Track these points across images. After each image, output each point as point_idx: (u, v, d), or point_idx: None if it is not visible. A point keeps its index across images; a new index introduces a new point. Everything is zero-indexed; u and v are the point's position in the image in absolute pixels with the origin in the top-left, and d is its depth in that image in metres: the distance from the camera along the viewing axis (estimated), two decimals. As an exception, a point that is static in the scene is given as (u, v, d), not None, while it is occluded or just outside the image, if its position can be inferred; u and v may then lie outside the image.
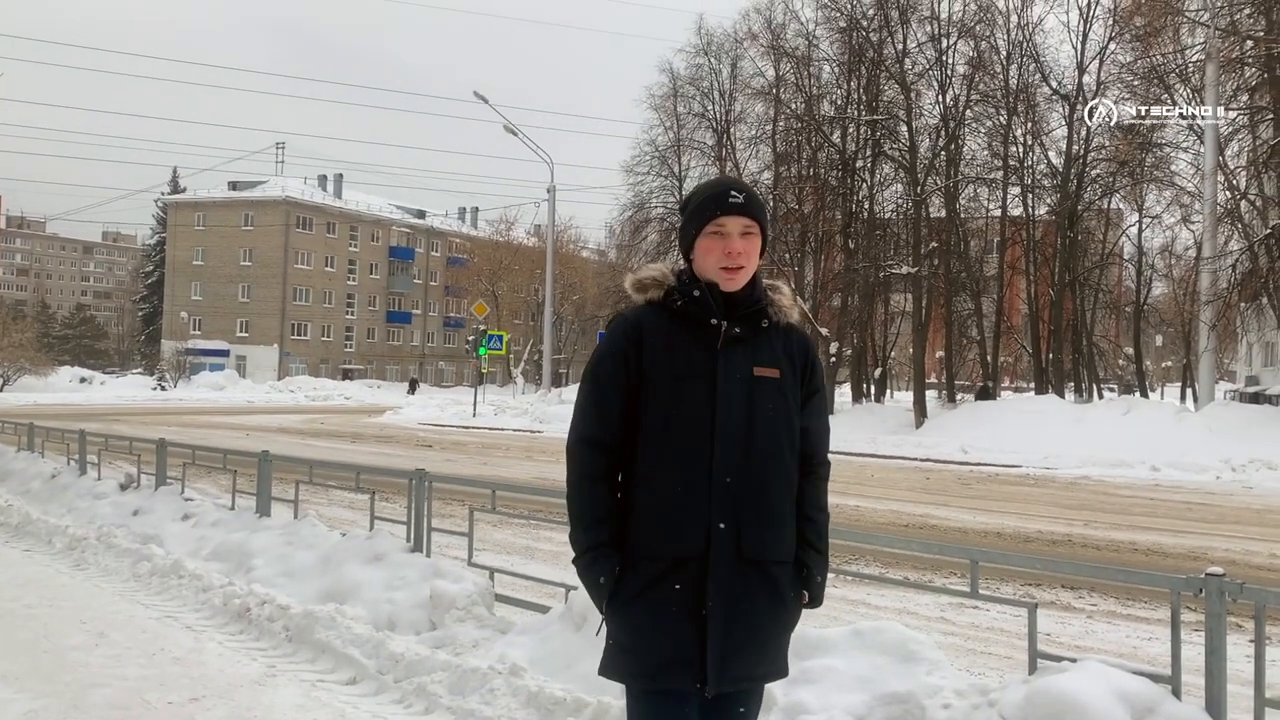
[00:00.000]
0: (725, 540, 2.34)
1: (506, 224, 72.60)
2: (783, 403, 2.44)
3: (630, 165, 38.00)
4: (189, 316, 73.14)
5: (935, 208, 31.32)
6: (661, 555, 2.35)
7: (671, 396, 2.38)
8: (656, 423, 2.38)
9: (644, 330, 2.43)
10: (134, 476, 9.99)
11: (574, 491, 2.47)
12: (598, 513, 2.43)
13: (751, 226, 2.45)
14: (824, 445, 2.59)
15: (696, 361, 2.39)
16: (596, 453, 2.43)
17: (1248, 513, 12.74)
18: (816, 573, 2.51)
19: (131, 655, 5.15)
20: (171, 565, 6.89)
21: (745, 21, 34.98)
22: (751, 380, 2.40)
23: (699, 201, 2.50)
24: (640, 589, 2.36)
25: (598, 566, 2.40)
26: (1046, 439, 20.58)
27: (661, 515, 2.36)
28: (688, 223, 2.51)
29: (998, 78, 30.22)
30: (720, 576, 2.34)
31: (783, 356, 2.47)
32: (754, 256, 2.47)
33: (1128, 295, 35.73)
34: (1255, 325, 27.42)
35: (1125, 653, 5.67)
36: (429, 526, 6.44)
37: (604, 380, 2.45)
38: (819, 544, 2.53)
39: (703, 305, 2.43)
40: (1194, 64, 24.79)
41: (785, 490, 2.44)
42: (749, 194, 2.48)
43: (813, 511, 2.52)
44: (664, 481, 2.37)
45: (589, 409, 2.46)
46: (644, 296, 2.49)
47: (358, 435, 24.90)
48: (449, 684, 4.49)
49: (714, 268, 2.43)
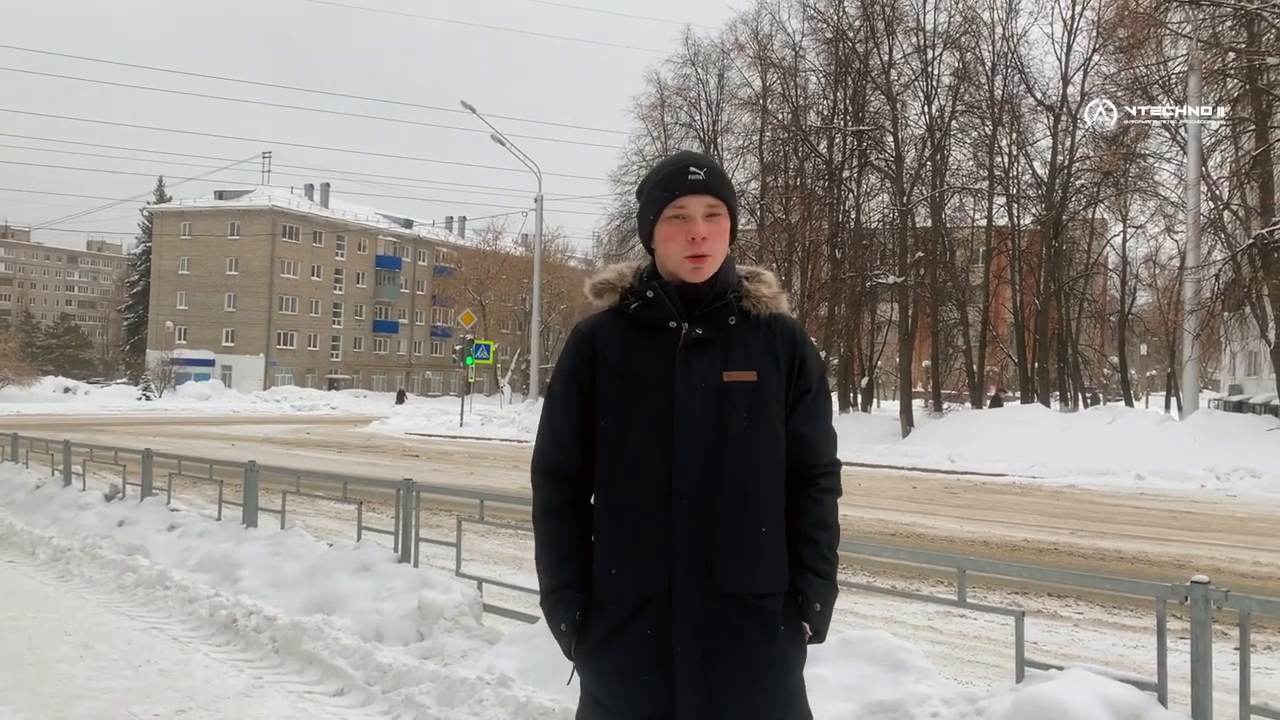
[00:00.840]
0: (691, 574, 2.04)
1: (494, 233, 72.61)
2: (761, 410, 2.11)
3: (618, 175, 38.06)
4: (174, 326, 72.80)
5: (921, 217, 31.46)
6: (623, 597, 2.08)
7: (624, 415, 2.10)
8: (609, 446, 2.12)
9: (597, 342, 2.16)
10: (119, 487, 9.93)
11: (536, 528, 2.24)
12: (560, 550, 2.18)
13: (716, 206, 2.13)
14: (825, 450, 2.23)
15: (652, 371, 2.10)
16: (555, 484, 2.20)
17: (1232, 521, 12.81)
18: (815, 600, 2.15)
19: (117, 667, 5.12)
20: (157, 576, 6.85)
21: (732, 32, 35.17)
22: (720, 388, 2.09)
23: (654, 182, 2.17)
24: (607, 635, 2.09)
25: (559, 612, 2.15)
26: (1032, 448, 20.65)
27: (618, 551, 2.10)
28: (644, 208, 2.19)
29: (983, 89, 30.44)
30: (688, 615, 2.04)
31: (762, 355, 2.13)
32: (721, 242, 2.15)
33: (1112, 304, 35.98)
34: (1238, 334, 27.61)
35: (1112, 661, 5.69)
36: (416, 537, 6.42)
37: (557, 402, 2.20)
38: (819, 567, 2.17)
39: (657, 306, 2.13)
40: (1177, 75, 24.99)
41: (766, 512, 2.12)
42: (711, 168, 2.16)
43: (812, 530, 2.17)
44: (618, 512, 2.10)
45: (543, 436, 2.23)
46: (602, 302, 2.22)
47: (344, 445, 24.82)
48: (437, 695, 4.48)
49: (677, 258, 2.12)
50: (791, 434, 2.17)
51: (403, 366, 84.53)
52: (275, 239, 73.55)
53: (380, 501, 9.21)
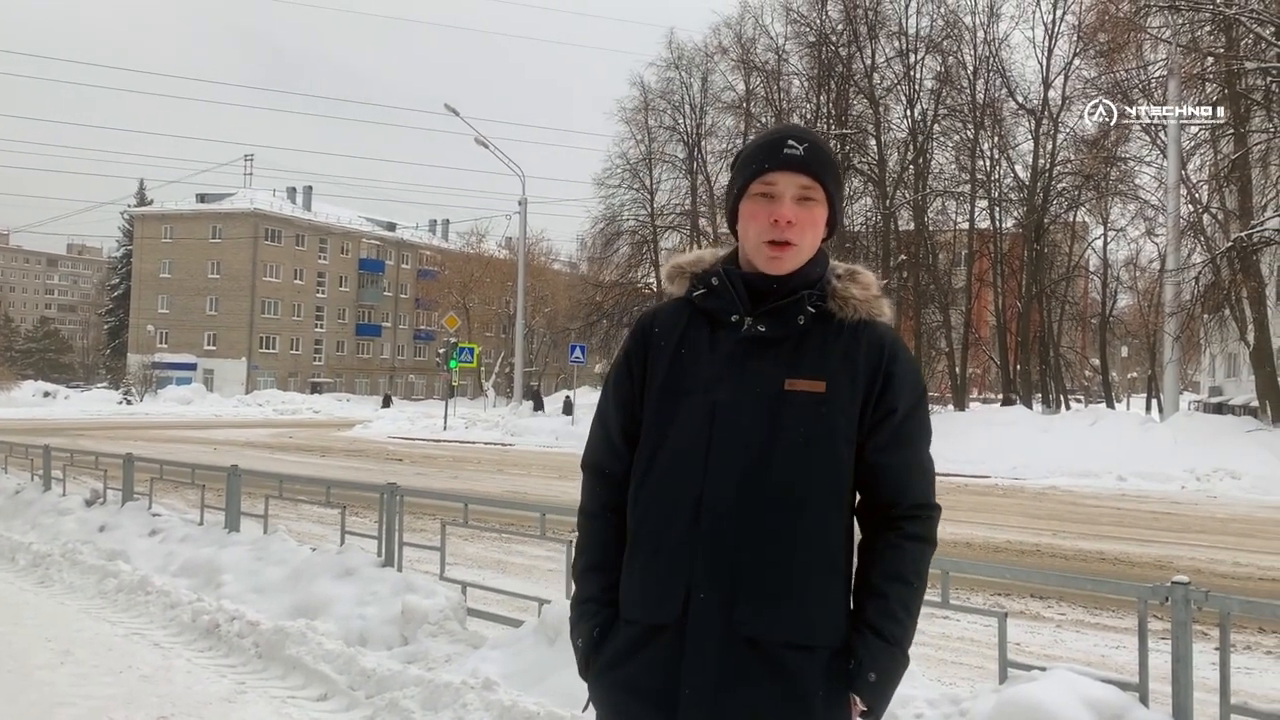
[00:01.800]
0: (710, 607, 1.77)
1: (478, 236, 72.44)
2: (823, 427, 1.79)
3: (602, 178, 38.09)
4: (155, 330, 72.38)
5: (904, 221, 31.62)
6: (635, 618, 1.85)
7: (665, 414, 1.86)
8: (646, 449, 1.88)
9: (655, 330, 1.92)
10: (100, 492, 9.87)
11: (578, 529, 2.03)
12: (590, 558, 1.96)
13: (811, 189, 1.84)
14: (912, 488, 1.86)
15: (703, 369, 1.84)
16: (597, 482, 1.98)
17: (1212, 521, 12.91)
18: (870, 668, 1.76)
19: (98, 673, 5.08)
20: (139, 581, 6.81)
21: (716, 36, 35.25)
22: (779, 397, 1.80)
23: (747, 154, 1.90)
24: (617, 658, 1.85)
25: (580, 626, 1.93)
26: (1015, 449, 20.75)
27: (637, 567, 1.86)
28: (732, 181, 1.93)
29: (965, 92, 30.63)
30: (700, 655, 1.76)
31: (838, 364, 1.82)
32: (812, 231, 1.85)
33: (1094, 307, 36.22)
34: (1218, 336, 27.80)
35: (1094, 661, 5.73)
36: (400, 541, 6.41)
37: (609, 392, 1.98)
38: (885, 627, 1.78)
39: (722, 296, 1.88)
40: (1156, 80, 25.20)
41: (813, 546, 1.78)
42: (814, 145, 1.86)
43: (882, 581, 1.80)
44: (643, 523, 1.86)
45: (595, 426, 2.02)
46: (673, 289, 1.98)
47: (327, 449, 24.72)
48: (421, 699, 4.46)
49: (755, 242, 1.85)
50: (869, 464, 1.83)
51: (386, 370, 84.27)
52: (257, 242, 73.25)
53: (364, 506, 9.18)
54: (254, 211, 73.51)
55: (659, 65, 36.82)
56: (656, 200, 37.27)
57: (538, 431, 29.31)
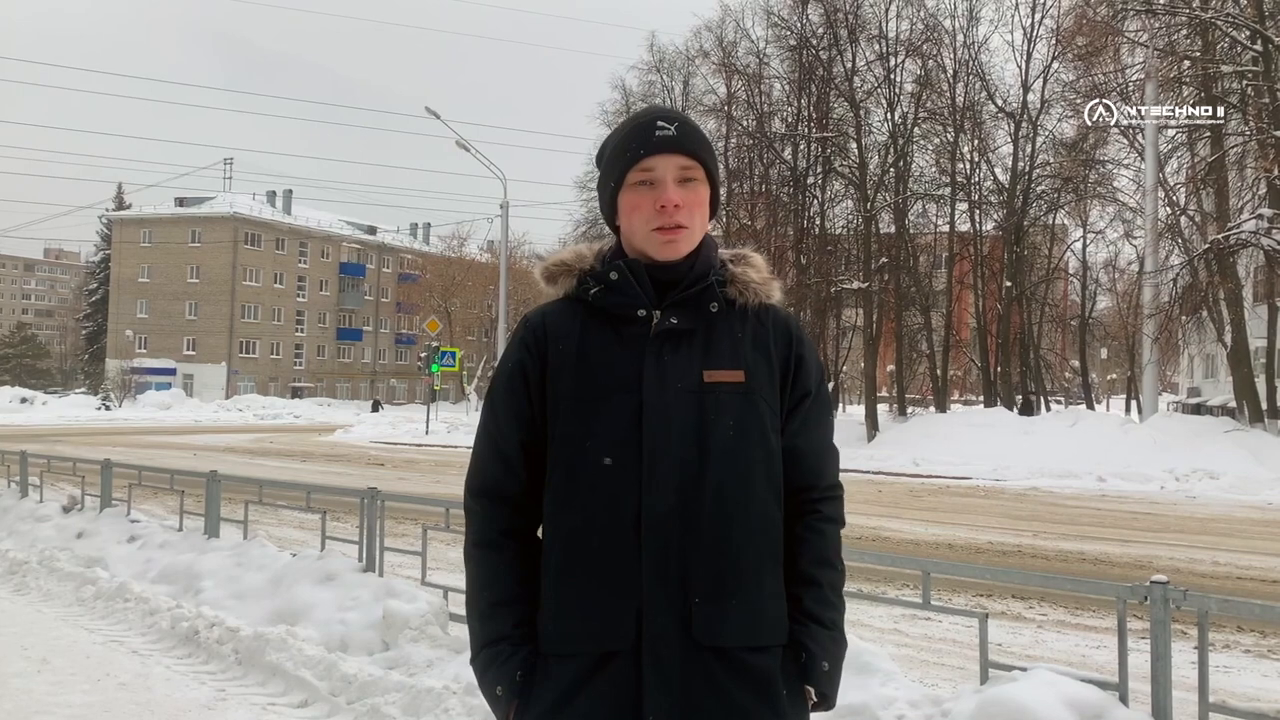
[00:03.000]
0: (666, 622, 1.65)
1: (459, 240, 72.45)
2: (751, 416, 1.72)
3: (583, 181, 38.03)
4: (134, 335, 71.89)
5: (885, 223, 31.74)
6: (576, 650, 1.67)
7: (581, 422, 1.71)
8: (562, 460, 1.72)
9: (548, 334, 1.78)
10: (77, 498, 9.78)
11: (466, 565, 1.82)
12: (496, 592, 1.75)
13: (692, 168, 1.75)
14: (826, 469, 1.83)
15: (616, 370, 1.72)
16: (492, 507, 1.79)
17: (1191, 521, 13.00)
18: (822, 657, 1.73)
19: (76, 681, 5.04)
20: (117, 588, 6.75)
21: (697, 39, 35.32)
22: (701, 389, 1.71)
23: (616, 142, 1.79)
24: (557, 701, 1.66)
25: (493, 671, 1.71)
26: (996, 451, 20.87)
27: (573, 594, 1.69)
28: (605, 174, 1.82)
29: (945, 96, 30.77)
30: (663, 676, 1.64)
31: (751, 351, 1.76)
32: (699, 211, 1.76)
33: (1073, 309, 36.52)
34: (1196, 338, 28.03)
35: (1074, 661, 5.75)
36: (381, 546, 6.38)
37: (498, 407, 1.81)
38: (825, 615, 1.75)
39: (623, 290, 1.75)
40: (1134, 83, 25.42)
41: (759, 541, 1.72)
42: (684, 123, 1.77)
43: (813, 568, 1.77)
44: (574, 544, 1.69)
45: (480, 448, 1.83)
46: (556, 289, 1.83)
47: (308, 454, 24.60)
48: (403, 705, 4.44)
49: (644, 231, 1.74)
50: (786, 449, 1.78)
51: (367, 374, 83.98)
52: (237, 246, 72.90)
53: (344, 511, 9.13)
54: (233, 215, 73.14)
55: (640, 68, 36.95)
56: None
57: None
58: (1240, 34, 22.41)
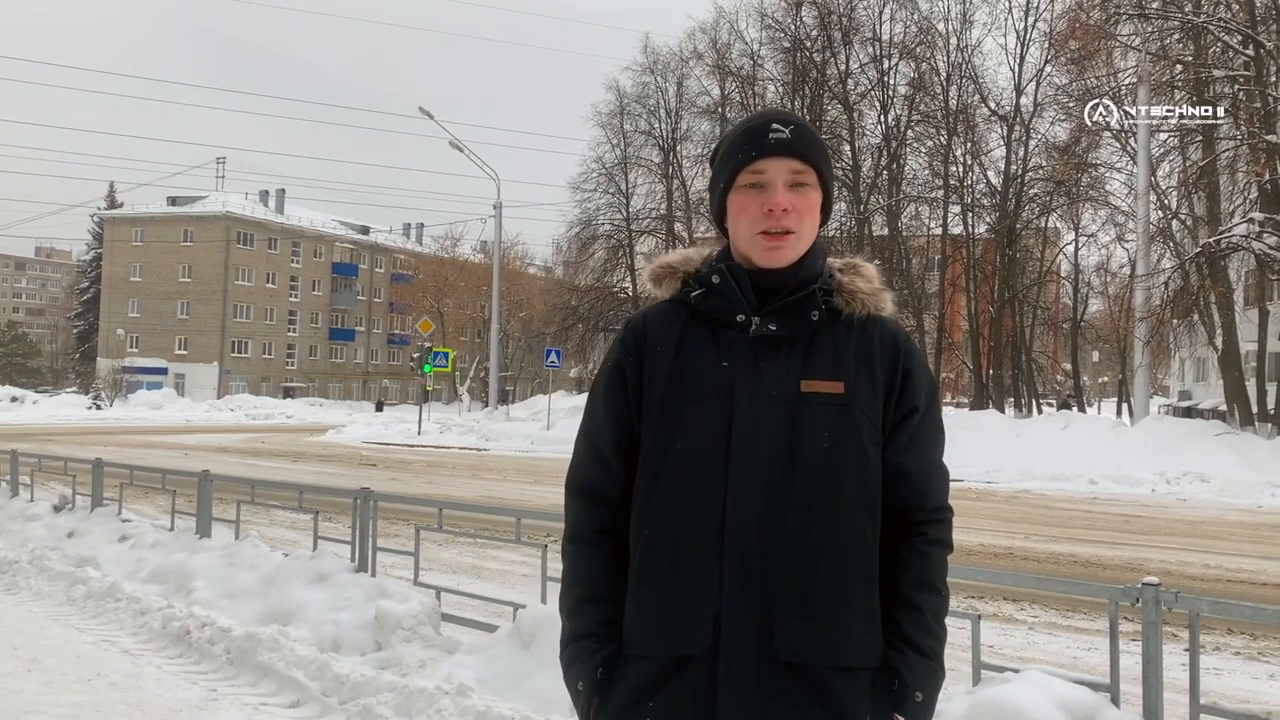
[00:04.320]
0: (745, 631, 1.61)
1: (452, 240, 72.36)
2: (849, 430, 1.68)
3: (577, 182, 38.16)
4: (126, 334, 71.67)
5: (878, 226, 31.83)
6: (651, 652, 1.66)
7: (671, 425, 1.70)
8: (652, 462, 1.71)
9: (648, 336, 1.76)
10: (68, 498, 9.76)
11: (563, 561, 1.83)
12: (586, 589, 1.76)
13: (804, 173, 1.72)
14: (933, 491, 1.76)
15: (710, 375, 1.70)
16: (588, 505, 1.79)
17: (1182, 524, 13.04)
18: (915, 686, 1.66)
19: (66, 681, 5.02)
20: (108, 588, 6.73)
21: (691, 41, 35.41)
22: (797, 399, 1.67)
23: (729, 143, 1.77)
24: (633, 700, 1.66)
25: (576, 666, 1.73)
26: (987, 453, 20.88)
27: (652, 595, 1.68)
28: (715, 176, 1.80)
29: (938, 99, 30.89)
30: (738, 687, 1.61)
31: (854, 363, 1.71)
32: (809, 218, 1.73)
33: (1065, 312, 36.57)
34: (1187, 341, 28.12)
35: (1066, 663, 5.77)
36: (374, 546, 6.37)
37: (597, 406, 1.81)
38: (923, 642, 1.68)
39: (725, 295, 1.73)
40: (1127, 87, 25.47)
41: (848, 556, 1.66)
42: (800, 126, 1.74)
43: (914, 591, 1.70)
44: (656, 545, 1.69)
45: (580, 445, 1.83)
46: (661, 291, 1.82)
47: (300, 454, 24.55)
48: (395, 705, 4.44)
49: (749, 235, 1.72)
50: (890, 466, 1.72)
51: (360, 374, 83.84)
52: (229, 245, 72.73)
53: (337, 511, 9.12)
54: (226, 215, 72.98)
55: (634, 70, 37.01)
56: (632, 204, 37.40)
57: (513, 436, 29.25)
58: (1232, 38, 22.51)
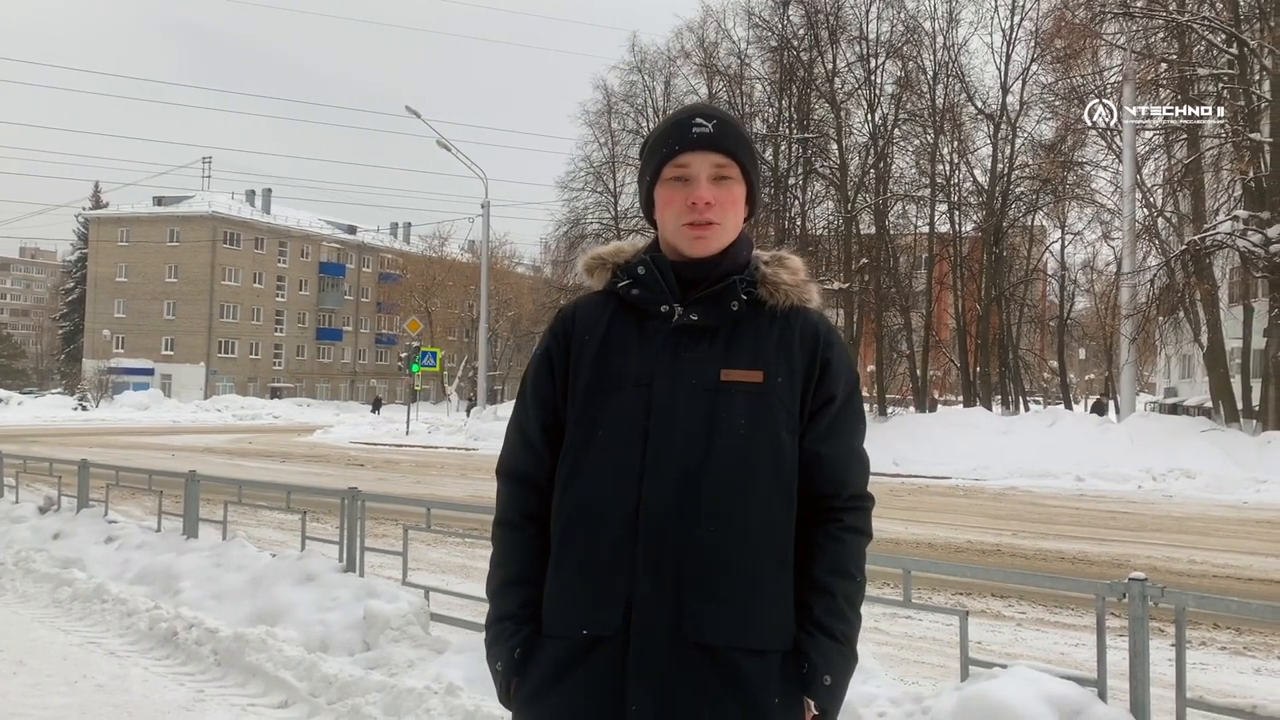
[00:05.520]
0: (656, 613, 1.64)
1: (440, 239, 72.16)
2: (765, 417, 1.71)
3: (565, 181, 38.10)
4: (111, 334, 71.28)
5: (865, 224, 31.88)
6: (565, 632, 1.70)
7: (593, 412, 1.74)
8: (573, 449, 1.76)
9: (577, 325, 1.82)
10: (54, 499, 9.69)
11: (492, 544, 1.87)
12: (509, 571, 1.81)
13: (726, 166, 1.76)
14: (851, 478, 1.78)
15: (633, 364, 1.73)
16: (515, 490, 1.84)
17: (1168, 520, 13.10)
18: (824, 670, 1.68)
19: (52, 683, 4.99)
20: (94, 589, 6.69)
21: (678, 40, 35.39)
22: (716, 388, 1.71)
23: (655, 138, 1.81)
24: (547, 679, 1.70)
25: (497, 648, 1.78)
26: (975, 451, 20.96)
27: (568, 575, 1.72)
28: (642, 170, 1.84)
29: (925, 97, 30.96)
30: (648, 667, 1.64)
31: (774, 353, 1.74)
32: (732, 210, 1.77)
33: (1051, 310, 36.79)
34: (1173, 338, 28.30)
35: (1053, 659, 5.79)
36: (362, 546, 6.35)
37: (527, 393, 1.86)
38: (835, 626, 1.71)
39: (649, 285, 1.77)
40: (1112, 85, 25.59)
41: (759, 542, 1.69)
42: (723, 120, 1.78)
43: (828, 577, 1.72)
44: (573, 527, 1.72)
45: (510, 431, 1.89)
46: (593, 281, 1.88)
47: (287, 455, 24.46)
48: (384, 705, 4.42)
49: (674, 226, 1.76)
50: (808, 454, 1.75)
51: (347, 374, 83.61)
52: (216, 245, 72.46)
53: (325, 511, 9.09)
54: (212, 214, 72.69)
55: (622, 68, 36.95)
56: (620, 203, 37.32)
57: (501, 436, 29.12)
58: (1216, 37, 22.62)
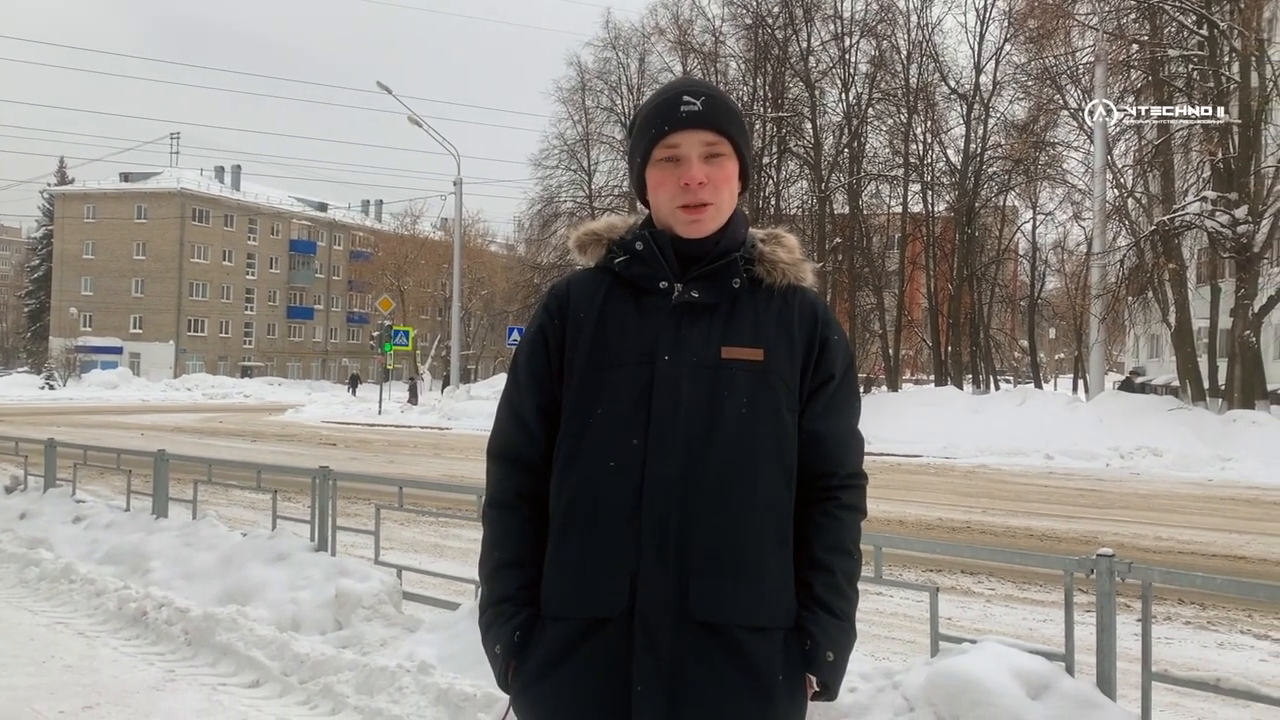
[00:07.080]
0: (660, 592, 1.63)
1: (412, 217, 71.60)
2: (766, 396, 1.70)
3: (539, 159, 37.91)
4: (79, 312, 70.41)
5: (839, 204, 31.96)
6: (568, 613, 1.68)
7: (593, 390, 1.71)
8: (572, 429, 1.73)
9: (572, 302, 1.78)
10: (20, 479, 9.59)
11: (483, 525, 1.83)
12: (505, 553, 1.76)
13: (718, 144, 1.74)
14: (848, 457, 1.79)
15: (632, 341, 1.72)
16: (509, 470, 1.79)
17: (1135, 498, 13.28)
18: (827, 646, 1.71)
19: (19, 664, 4.94)
20: (62, 569, 6.63)
21: (653, 16, 35.25)
22: (717, 365, 1.70)
23: (643, 117, 1.78)
24: (549, 661, 1.68)
25: (493, 630, 1.74)
26: (946, 429, 21.12)
27: (570, 556, 1.70)
28: (632, 150, 1.82)
29: (899, 77, 31.01)
30: (652, 646, 1.63)
31: (774, 330, 1.74)
32: (726, 188, 1.76)
33: (1023, 289, 37.07)
34: (1141, 318, 28.58)
35: (1022, 634, 5.86)
36: (334, 525, 6.33)
37: (520, 371, 1.81)
38: (835, 603, 1.73)
39: (648, 261, 1.75)
40: (1084, 66, 25.72)
41: (763, 520, 1.69)
42: (711, 97, 1.76)
43: (827, 554, 1.74)
44: (574, 507, 1.70)
45: (501, 411, 1.84)
46: (587, 258, 1.84)
47: (258, 434, 24.29)
48: (356, 683, 4.42)
49: (669, 208, 1.74)
50: (806, 432, 1.75)
51: (319, 353, 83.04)
52: (184, 222, 71.60)
53: (296, 490, 9.04)
54: (180, 191, 71.76)
55: (596, 45, 36.75)
56: (595, 181, 37.22)
57: (475, 415, 29.10)
58: (1187, 19, 22.74)
